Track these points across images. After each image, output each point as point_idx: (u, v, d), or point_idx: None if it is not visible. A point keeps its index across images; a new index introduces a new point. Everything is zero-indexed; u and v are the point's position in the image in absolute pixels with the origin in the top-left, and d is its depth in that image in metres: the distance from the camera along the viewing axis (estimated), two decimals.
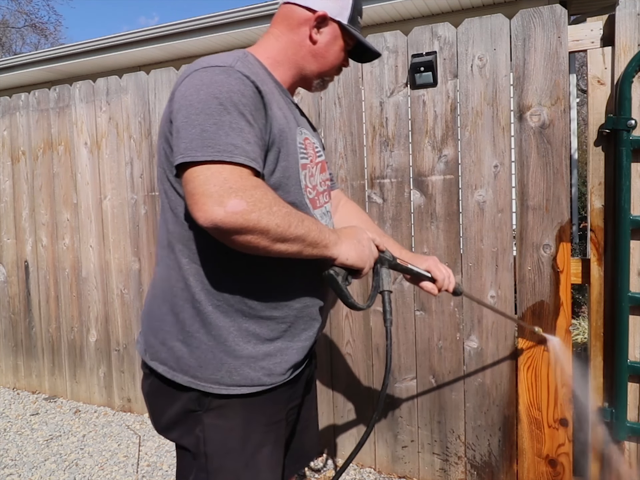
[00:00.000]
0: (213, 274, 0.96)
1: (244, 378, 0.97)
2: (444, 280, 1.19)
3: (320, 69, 1.11)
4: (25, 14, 18.69)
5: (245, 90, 0.88)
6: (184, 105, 0.88)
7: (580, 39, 1.73)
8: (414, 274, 1.16)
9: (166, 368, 0.99)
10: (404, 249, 1.25)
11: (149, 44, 5.64)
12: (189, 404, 0.98)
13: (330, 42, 1.09)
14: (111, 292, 2.81)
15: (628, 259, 1.66)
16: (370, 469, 2.20)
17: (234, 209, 0.79)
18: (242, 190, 0.81)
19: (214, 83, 0.88)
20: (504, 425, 1.92)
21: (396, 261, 1.08)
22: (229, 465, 0.97)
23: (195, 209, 0.82)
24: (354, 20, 1.10)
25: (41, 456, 2.44)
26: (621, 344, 1.69)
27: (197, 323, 0.97)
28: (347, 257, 0.95)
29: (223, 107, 0.85)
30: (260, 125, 0.90)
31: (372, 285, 1.04)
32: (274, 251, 0.86)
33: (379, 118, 2.04)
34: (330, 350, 2.22)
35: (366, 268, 0.99)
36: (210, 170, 0.82)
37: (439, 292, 1.20)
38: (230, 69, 0.89)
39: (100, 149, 2.75)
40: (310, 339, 1.06)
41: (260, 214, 0.81)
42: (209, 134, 0.84)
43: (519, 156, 1.82)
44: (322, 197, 1.12)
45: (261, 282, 0.98)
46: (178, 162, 0.86)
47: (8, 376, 3.30)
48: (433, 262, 1.19)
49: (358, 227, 1.04)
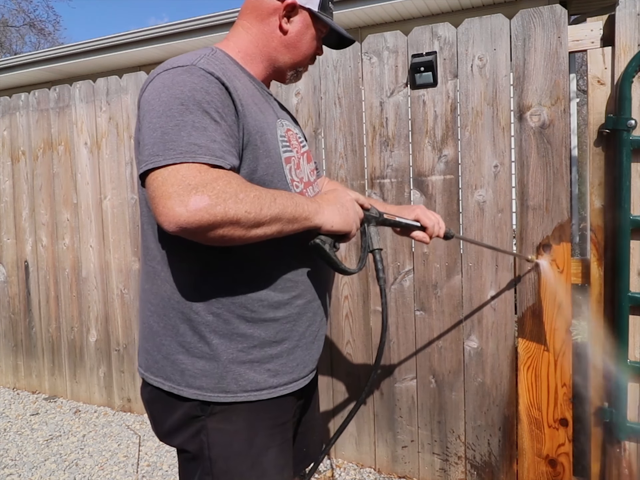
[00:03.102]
0: (209, 283, 0.93)
1: (249, 382, 0.95)
2: (433, 226, 1.18)
3: (294, 59, 1.08)
4: (24, 13, 18.71)
5: (210, 88, 0.85)
6: (147, 110, 0.86)
7: (580, 39, 1.73)
8: (402, 225, 1.15)
9: (172, 384, 0.96)
10: (388, 205, 1.23)
11: (149, 44, 5.64)
12: (192, 410, 0.96)
13: (302, 31, 1.05)
14: (111, 292, 2.81)
15: (628, 259, 1.66)
16: (370, 469, 2.20)
17: (197, 206, 0.75)
18: (202, 185, 0.76)
19: (175, 84, 0.84)
20: (504, 425, 1.92)
21: (383, 216, 1.06)
22: (235, 467, 0.95)
23: (157, 214, 0.77)
24: (324, 7, 1.06)
25: (41, 456, 2.44)
26: (621, 344, 1.69)
27: (197, 334, 0.94)
28: (331, 224, 0.91)
29: (185, 107, 0.82)
30: (230, 121, 0.86)
31: (361, 246, 1.01)
32: (253, 237, 0.82)
33: (379, 118, 2.04)
34: (330, 350, 2.22)
35: (353, 230, 0.96)
36: (167, 170, 0.78)
37: (430, 239, 1.19)
38: (193, 68, 0.86)
39: (100, 149, 2.76)
40: (314, 335, 1.04)
41: (226, 205, 0.76)
42: (170, 136, 0.80)
43: (519, 156, 1.82)
44: (313, 187, 1.10)
45: (260, 284, 0.95)
46: (142, 171, 0.82)
47: (8, 376, 3.30)
48: (421, 211, 1.18)
49: (339, 190, 1.00)
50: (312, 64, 1.15)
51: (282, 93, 2.22)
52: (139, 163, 0.85)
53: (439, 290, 1.98)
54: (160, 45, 5.60)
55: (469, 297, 1.93)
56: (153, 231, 0.97)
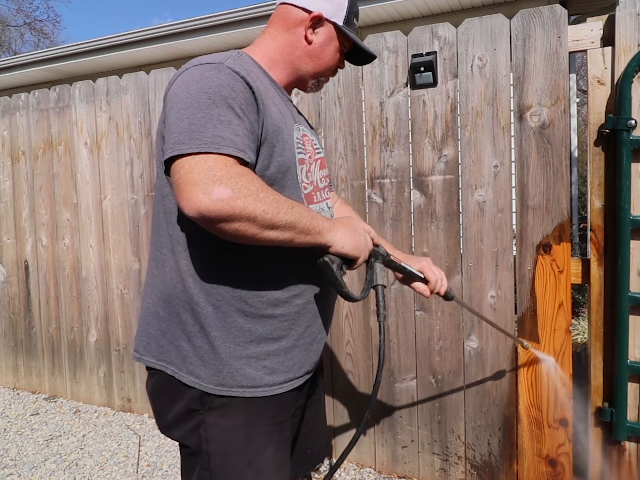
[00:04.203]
0: (211, 274, 0.96)
1: (245, 378, 0.96)
2: (436, 282, 1.18)
3: (316, 69, 1.12)
4: (24, 12, 18.71)
5: (235, 85, 0.89)
6: (175, 102, 0.89)
7: (580, 39, 1.73)
8: (407, 272, 1.15)
9: (174, 369, 0.99)
10: (397, 250, 1.25)
11: (149, 44, 5.64)
12: (191, 404, 0.98)
13: (326, 42, 1.09)
14: (111, 292, 2.81)
15: (628, 259, 1.66)
16: (370, 469, 2.20)
17: (219, 197, 0.78)
18: (226, 178, 0.80)
19: (203, 79, 0.89)
20: (504, 425, 1.92)
21: (390, 257, 1.07)
22: (232, 463, 0.97)
23: (180, 198, 0.81)
24: (349, 22, 1.11)
25: (41, 456, 2.44)
26: (621, 344, 1.69)
27: (198, 324, 0.96)
28: (342, 245, 0.94)
29: (212, 101, 0.85)
30: (252, 119, 0.90)
31: (366, 279, 1.03)
32: (264, 239, 0.85)
33: (379, 118, 2.04)
34: (330, 350, 2.22)
35: (361, 258, 0.98)
36: (195, 159, 0.82)
37: (430, 294, 1.19)
38: (221, 66, 0.91)
39: (100, 149, 2.76)
40: (313, 337, 1.05)
41: (246, 200, 0.80)
42: (197, 126, 0.84)
43: (519, 156, 1.82)
44: (322, 193, 1.12)
45: (261, 280, 0.97)
46: (167, 157, 0.85)
47: (8, 376, 3.30)
48: (426, 264, 1.18)
49: (354, 217, 1.03)
50: (334, 75, 1.20)
51: None
52: (164, 150, 0.88)
53: None
54: (160, 45, 5.60)
55: (469, 297, 1.93)
56: (167, 220, 1.00)
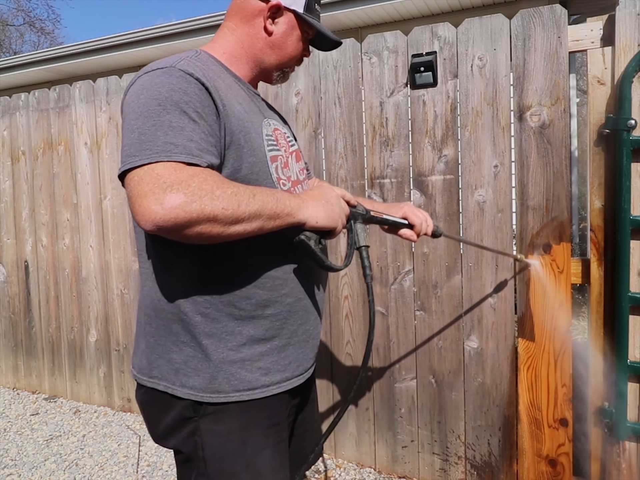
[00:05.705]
0: (195, 282, 0.93)
1: (241, 381, 0.95)
2: (421, 224, 1.17)
3: (279, 60, 1.08)
4: (24, 12, 18.71)
5: (188, 88, 0.85)
6: (128, 112, 0.87)
7: (580, 39, 1.73)
8: (390, 223, 1.14)
9: (167, 384, 0.97)
10: (376, 202, 1.22)
11: (149, 44, 5.64)
12: (184, 412, 0.96)
13: (287, 32, 1.05)
14: (111, 292, 2.81)
15: (628, 259, 1.66)
16: (370, 469, 2.20)
17: (172, 204, 0.75)
18: (177, 183, 0.76)
19: (153, 85, 0.85)
20: (504, 425, 1.92)
21: (370, 213, 1.04)
22: (229, 468, 0.95)
23: (134, 213, 0.77)
24: (310, 8, 1.06)
25: (41, 456, 2.44)
26: (621, 344, 1.69)
27: (188, 334, 0.94)
28: (316, 220, 0.90)
29: (162, 108, 0.82)
30: (210, 121, 0.86)
31: (348, 243, 0.99)
32: (232, 234, 0.82)
33: (379, 118, 2.04)
34: (330, 350, 2.22)
35: (339, 227, 0.95)
36: (143, 169, 0.78)
37: (418, 237, 1.19)
38: (172, 69, 0.87)
39: (100, 149, 2.76)
40: (308, 333, 1.04)
41: (202, 201, 0.76)
42: (147, 136, 0.81)
43: (519, 156, 1.82)
44: (302, 186, 1.10)
45: (248, 282, 0.95)
46: (120, 172, 0.82)
47: (8, 376, 3.30)
48: (408, 209, 1.17)
49: (324, 186, 0.99)
50: (299, 65, 1.16)
51: (282, 93, 2.22)
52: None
53: (439, 290, 1.98)
54: (160, 45, 5.60)
55: (469, 297, 1.93)
56: (142, 234, 0.98)
